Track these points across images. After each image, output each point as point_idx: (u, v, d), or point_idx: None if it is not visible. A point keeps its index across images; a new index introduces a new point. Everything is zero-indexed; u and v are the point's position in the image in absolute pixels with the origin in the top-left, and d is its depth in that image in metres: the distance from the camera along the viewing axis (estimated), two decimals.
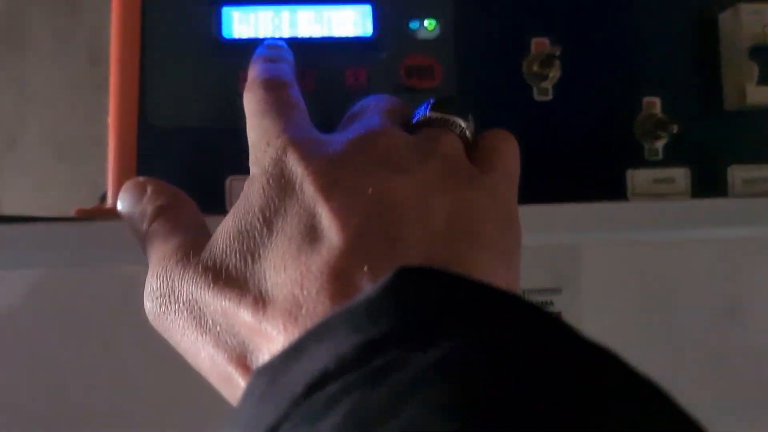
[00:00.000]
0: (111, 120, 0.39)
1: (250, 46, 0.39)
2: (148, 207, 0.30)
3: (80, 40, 1.09)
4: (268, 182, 0.26)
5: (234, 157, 0.39)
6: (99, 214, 0.38)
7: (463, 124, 0.30)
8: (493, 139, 0.30)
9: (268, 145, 0.27)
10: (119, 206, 0.32)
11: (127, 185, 0.32)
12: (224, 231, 0.26)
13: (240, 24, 0.40)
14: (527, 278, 0.36)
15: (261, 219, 0.25)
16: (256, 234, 0.24)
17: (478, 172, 0.28)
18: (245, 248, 0.24)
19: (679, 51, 0.41)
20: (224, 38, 0.40)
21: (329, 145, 0.27)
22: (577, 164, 0.40)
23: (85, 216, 0.38)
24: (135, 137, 0.39)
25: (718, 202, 0.37)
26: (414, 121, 0.30)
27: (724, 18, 0.41)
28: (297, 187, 0.25)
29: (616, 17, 0.41)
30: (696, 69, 0.41)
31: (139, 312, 0.28)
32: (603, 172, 0.40)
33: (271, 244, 0.24)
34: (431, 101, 0.31)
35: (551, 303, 0.35)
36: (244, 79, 0.38)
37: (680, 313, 0.36)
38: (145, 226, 0.30)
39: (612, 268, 0.36)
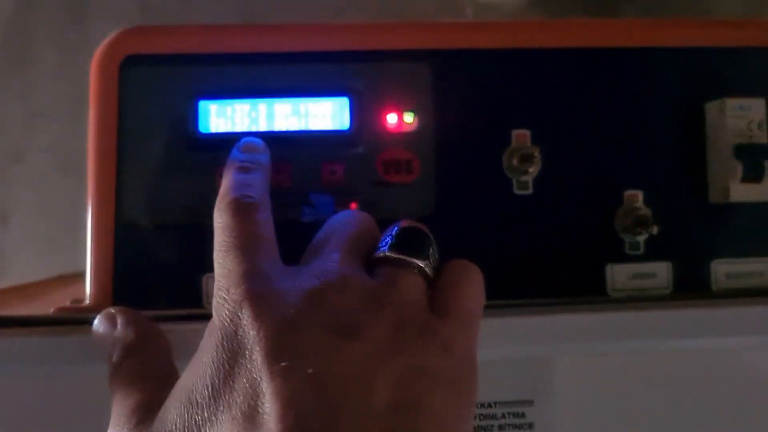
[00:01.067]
0: (89, 218, 0.39)
1: (227, 140, 0.39)
2: (116, 344, 0.31)
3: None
4: (222, 344, 0.26)
5: (210, 254, 0.39)
6: (77, 312, 0.38)
7: (421, 263, 0.29)
8: (453, 274, 0.30)
9: (228, 293, 0.28)
10: (94, 333, 0.33)
11: (100, 316, 0.33)
12: (177, 395, 0.26)
13: (217, 118, 0.40)
14: (499, 390, 0.36)
15: (210, 389, 0.25)
16: (204, 406, 0.25)
17: (434, 321, 0.28)
18: (193, 422, 0.25)
19: (663, 141, 0.40)
20: (201, 133, 0.39)
21: (285, 299, 0.27)
22: (557, 259, 0.40)
23: (64, 315, 0.38)
24: (112, 236, 0.39)
25: (698, 312, 0.36)
26: (377, 252, 0.30)
27: (711, 109, 0.40)
28: (247, 353, 0.25)
29: (598, 107, 0.40)
30: (680, 160, 0.40)
31: None
32: (583, 266, 0.40)
33: (216, 421, 0.24)
34: (395, 230, 0.31)
35: (523, 415, 0.35)
36: (221, 175, 0.38)
37: (659, 425, 0.36)
38: (112, 363, 0.31)
39: (587, 380, 0.36)
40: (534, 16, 1.09)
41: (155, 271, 0.39)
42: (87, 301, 0.39)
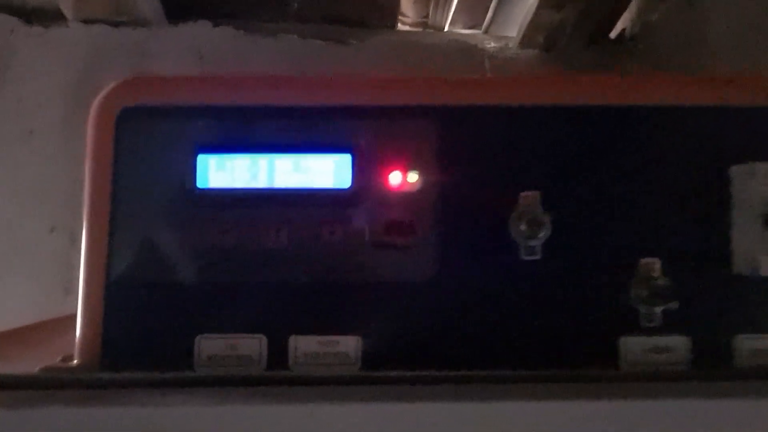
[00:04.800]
0: (81, 273, 0.38)
1: (226, 196, 0.38)
2: None
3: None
4: None
5: (204, 314, 0.37)
6: (63, 372, 0.37)
7: None
8: None
9: None
10: None
11: None
12: None
13: (216, 172, 0.38)
14: None
15: None
16: None
17: None
18: None
19: (683, 205, 0.38)
20: (199, 188, 0.38)
21: None
22: (566, 329, 0.37)
23: (50, 374, 0.37)
24: (102, 292, 0.37)
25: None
26: None
27: (737, 174, 0.37)
28: None
29: (613, 168, 0.38)
30: (701, 226, 0.38)
31: None
32: (594, 338, 0.37)
33: None
34: None
35: None
36: (220, 231, 0.37)
37: None
38: None
39: None
40: (549, 68, 1.06)
41: (145, 332, 0.37)
42: (75, 361, 0.38)
